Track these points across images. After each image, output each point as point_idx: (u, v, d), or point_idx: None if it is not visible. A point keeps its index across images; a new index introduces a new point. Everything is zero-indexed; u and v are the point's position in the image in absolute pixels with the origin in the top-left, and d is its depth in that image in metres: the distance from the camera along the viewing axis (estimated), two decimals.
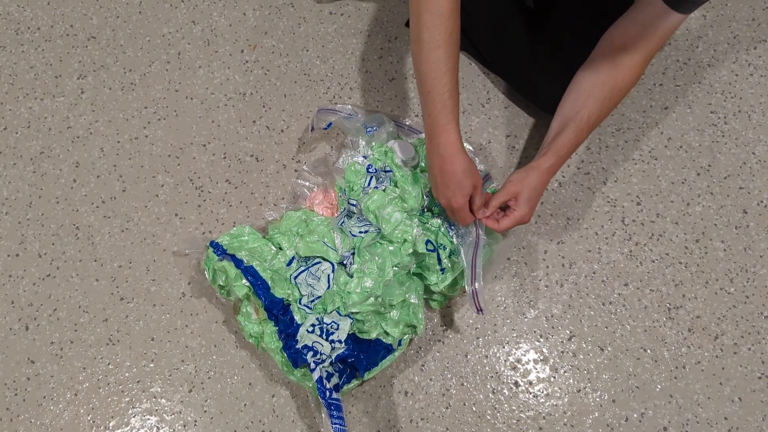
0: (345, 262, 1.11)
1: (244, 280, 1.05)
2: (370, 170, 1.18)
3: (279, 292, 1.06)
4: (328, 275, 1.11)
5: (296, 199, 1.21)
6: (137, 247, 1.18)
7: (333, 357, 1.03)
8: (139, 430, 1.06)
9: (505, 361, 1.10)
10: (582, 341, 1.10)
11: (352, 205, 1.15)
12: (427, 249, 1.09)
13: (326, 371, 1.02)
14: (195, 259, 1.13)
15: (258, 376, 1.09)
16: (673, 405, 1.06)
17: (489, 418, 1.06)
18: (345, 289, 1.07)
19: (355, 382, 1.05)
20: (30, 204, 1.22)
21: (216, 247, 1.09)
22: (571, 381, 1.08)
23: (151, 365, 1.10)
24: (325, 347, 1.03)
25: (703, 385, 1.07)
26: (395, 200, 1.13)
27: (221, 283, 1.08)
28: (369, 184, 1.17)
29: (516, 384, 1.08)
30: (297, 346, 1.03)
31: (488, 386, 1.08)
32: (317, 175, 1.22)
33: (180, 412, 1.07)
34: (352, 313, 1.05)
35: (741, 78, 1.31)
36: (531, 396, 1.07)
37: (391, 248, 1.10)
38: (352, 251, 1.11)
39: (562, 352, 1.10)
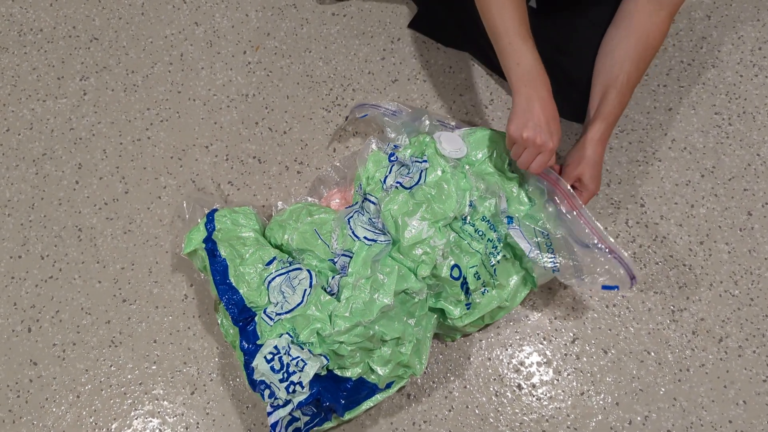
0: (335, 263, 0.99)
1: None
2: (392, 159, 1.06)
3: (247, 295, 0.97)
4: (305, 289, 0.96)
5: (314, 194, 1.16)
6: (140, 249, 1.18)
7: (295, 404, 0.90)
8: None
9: (508, 363, 1.09)
10: (585, 344, 1.10)
11: (371, 202, 1.02)
12: (451, 276, 0.96)
13: (290, 415, 0.91)
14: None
15: None
16: (677, 408, 1.05)
17: (492, 420, 1.05)
18: (329, 312, 0.93)
19: (328, 424, 0.98)
20: (32, 206, 1.22)
21: (210, 223, 1.04)
22: (575, 384, 1.08)
23: (154, 367, 1.10)
24: (281, 392, 0.89)
25: (707, 388, 1.07)
26: (425, 207, 0.98)
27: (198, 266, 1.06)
28: (389, 173, 1.04)
29: (519, 387, 1.08)
30: (253, 376, 0.92)
31: (491, 389, 1.07)
32: (346, 168, 1.16)
33: (182, 415, 1.07)
34: (333, 342, 0.91)
35: (746, 79, 1.30)
36: (534, 399, 1.07)
37: (402, 269, 0.95)
38: (346, 254, 0.98)
39: (566, 354, 1.09)
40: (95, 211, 1.21)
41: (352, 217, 1.02)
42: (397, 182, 1.03)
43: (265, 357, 0.91)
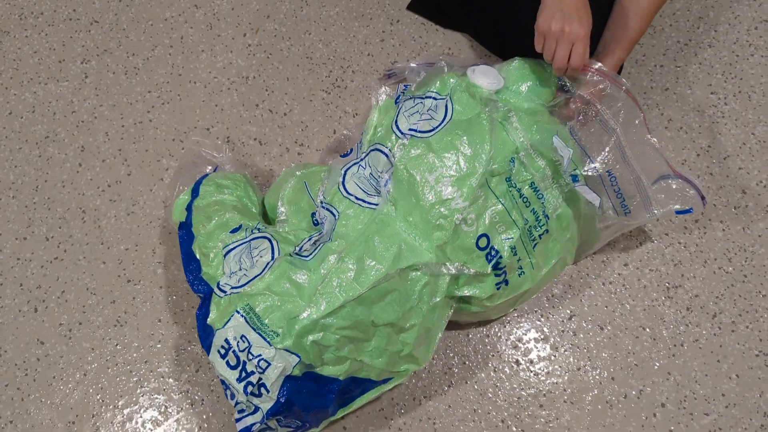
0: (314, 217, 0.84)
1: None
2: (399, 99, 0.91)
3: (204, 265, 0.86)
4: (267, 262, 0.81)
5: (332, 152, 1.07)
6: (143, 230, 1.20)
7: (264, 413, 0.77)
8: (147, 408, 1.08)
9: (506, 340, 1.11)
10: (582, 320, 1.12)
11: (381, 152, 0.86)
12: (477, 245, 0.82)
13: (265, 425, 0.79)
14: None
15: None
16: (671, 382, 1.08)
17: (490, 395, 1.08)
18: (304, 286, 0.77)
19: (314, 430, 0.88)
20: (36, 188, 1.23)
21: (196, 190, 1.00)
22: (571, 359, 1.10)
23: (159, 346, 1.12)
24: (240, 394, 0.76)
25: (700, 362, 1.09)
26: (448, 160, 0.81)
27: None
28: (399, 114, 0.88)
29: (517, 362, 1.10)
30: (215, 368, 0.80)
31: (490, 365, 1.10)
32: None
33: (187, 392, 1.09)
34: (312, 330, 0.75)
35: (741, 58, 1.31)
36: (532, 374, 1.09)
37: (410, 235, 0.80)
38: (328, 207, 0.84)
39: (563, 331, 1.12)
40: (98, 193, 1.23)
41: (350, 168, 0.89)
42: (412, 129, 0.87)
43: (218, 351, 0.79)
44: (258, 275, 0.81)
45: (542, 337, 1.11)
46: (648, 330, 1.11)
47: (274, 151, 1.26)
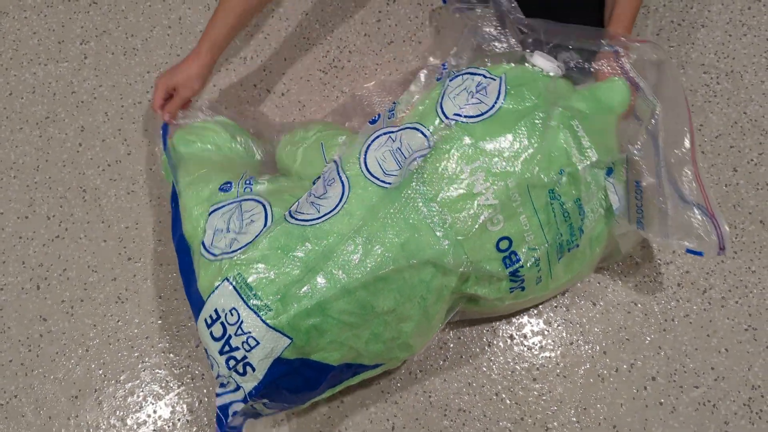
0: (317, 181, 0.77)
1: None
2: (443, 72, 0.84)
3: (185, 223, 0.82)
4: (260, 229, 0.76)
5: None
6: (143, 208, 1.21)
7: (246, 392, 0.74)
8: (149, 383, 1.10)
9: (500, 315, 1.13)
10: (575, 296, 1.14)
11: (419, 131, 0.80)
12: (497, 248, 0.79)
13: (251, 408, 0.76)
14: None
15: None
16: (661, 356, 1.10)
17: (485, 369, 1.10)
18: (299, 259, 0.72)
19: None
20: (37, 167, 1.25)
21: (166, 151, 0.98)
22: (564, 334, 1.12)
23: (159, 322, 1.14)
24: (221, 367, 0.73)
25: (691, 336, 1.11)
26: (490, 154, 0.76)
27: None
28: (444, 95, 0.83)
29: (511, 337, 1.12)
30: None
31: (484, 339, 1.12)
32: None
33: (188, 366, 1.11)
34: (310, 313, 0.72)
35: (734, 38, 1.32)
36: (525, 348, 1.11)
37: (429, 220, 0.75)
38: (341, 174, 0.78)
39: (556, 306, 1.14)
40: (99, 173, 1.24)
41: (378, 137, 0.83)
42: (458, 114, 0.81)
43: (205, 321, 0.76)
44: (250, 242, 0.76)
45: (535, 312, 1.13)
46: (639, 305, 1.13)
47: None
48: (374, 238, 0.75)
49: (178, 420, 1.07)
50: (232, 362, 0.73)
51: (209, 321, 0.75)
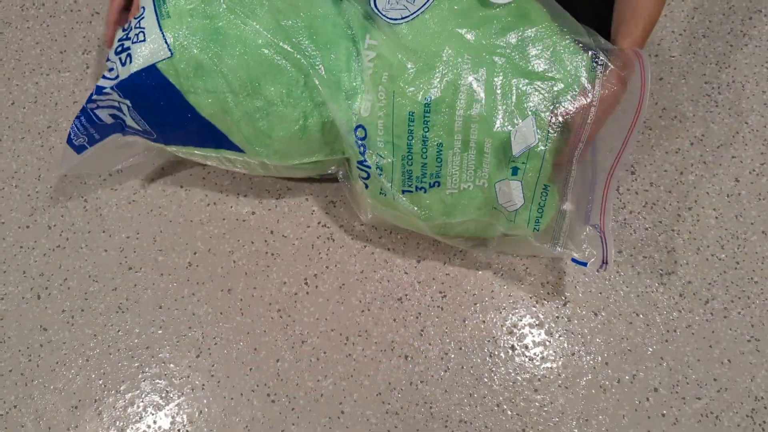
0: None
1: None
2: None
3: None
4: None
5: None
6: (144, 218, 1.21)
7: (116, 83, 0.81)
8: (149, 393, 1.10)
9: (501, 326, 1.13)
10: (577, 306, 1.14)
11: None
12: (356, 134, 0.81)
13: (115, 108, 0.83)
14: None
15: (263, 342, 1.13)
16: (664, 367, 1.09)
17: (486, 380, 1.09)
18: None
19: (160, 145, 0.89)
20: (39, 177, 1.25)
21: None
22: (566, 345, 1.12)
23: (160, 332, 1.14)
24: (111, 52, 0.78)
25: (693, 347, 1.11)
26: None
27: None
28: None
29: (512, 348, 1.12)
30: None
31: (485, 350, 1.11)
32: None
33: (188, 377, 1.11)
34: (198, 42, 0.78)
35: (735, 48, 1.32)
36: (527, 359, 1.11)
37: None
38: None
39: (557, 317, 1.13)
40: (100, 182, 1.24)
41: None
42: None
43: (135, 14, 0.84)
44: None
45: (537, 322, 1.13)
46: (641, 316, 1.13)
47: None
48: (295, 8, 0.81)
49: (178, 430, 1.07)
50: (120, 48, 0.80)
51: (137, 13, 0.83)
